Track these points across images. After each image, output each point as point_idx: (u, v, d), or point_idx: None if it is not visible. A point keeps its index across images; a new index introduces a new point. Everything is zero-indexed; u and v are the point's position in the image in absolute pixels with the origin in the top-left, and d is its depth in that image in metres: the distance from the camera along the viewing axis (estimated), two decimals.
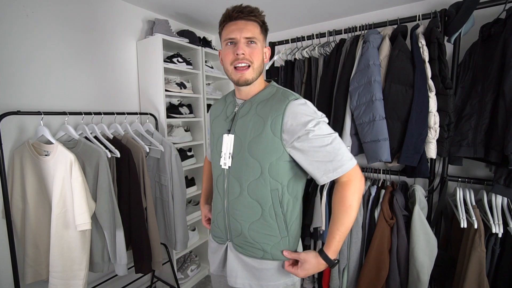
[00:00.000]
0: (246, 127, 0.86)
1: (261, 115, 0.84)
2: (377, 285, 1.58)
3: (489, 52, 1.41)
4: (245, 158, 0.85)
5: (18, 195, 1.34)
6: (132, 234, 1.54)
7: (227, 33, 0.85)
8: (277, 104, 0.84)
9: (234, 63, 0.84)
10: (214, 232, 1.02)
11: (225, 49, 0.86)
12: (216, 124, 0.98)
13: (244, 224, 0.89)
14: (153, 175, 1.78)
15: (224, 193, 0.92)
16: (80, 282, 1.30)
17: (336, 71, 1.73)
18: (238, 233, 0.91)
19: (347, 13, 2.02)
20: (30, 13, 1.42)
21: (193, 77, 2.15)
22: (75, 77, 1.61)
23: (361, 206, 1.68)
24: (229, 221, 0.92)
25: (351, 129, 1.62)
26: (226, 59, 0.86)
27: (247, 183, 0.86)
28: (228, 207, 0.91)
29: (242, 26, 0.83)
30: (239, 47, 0.82)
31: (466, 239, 1.44)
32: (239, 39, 0.83)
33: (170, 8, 1.92)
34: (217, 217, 0.98)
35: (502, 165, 1.37)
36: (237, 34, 0.82)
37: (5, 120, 1.27)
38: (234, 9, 0.84)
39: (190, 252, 2.25)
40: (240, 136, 0.87)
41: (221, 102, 1.01)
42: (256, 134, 0.84)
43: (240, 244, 0.92)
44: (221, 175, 0.93)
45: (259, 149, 0.83)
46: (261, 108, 0.86)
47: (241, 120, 0.88)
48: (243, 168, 0.86)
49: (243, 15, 0.83)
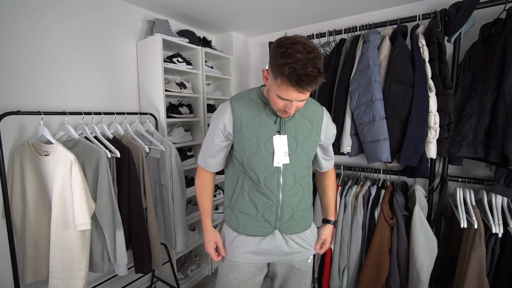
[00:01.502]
0: (296, 128, 0.98)
1: (306, 118, 1.00)
2: (377, 285, 1.58)
3: (489, 52, 1.41)
4: (299, 155, 1.00)
5: (18, 195, 1.34)
6: (132, 234, 1.54)
7: (284, 93, 0.82)
8: (315, 108, 1.04)
9: (280, 111, 0.91)
10: (250, 230, 1.04)
11: (275, 97, 0.86)
12: (253, 127, 0.96)
13: (294, 207, 1.04)
14: (153, 175, 1.78)
15: (279, 188, 1.00)
16: (80, 282, 1.30)
17: (336, 71, 1.73)
18: (289, 217, 1.04)
19: (347, 13, 2.02)
20: (30, 13, 1.42)
21: (193, 77, 2.15)
22: (75, 77, 1.61)
23: (361, 206, 1.68)
24: (282, 211, 1.02)
25: (351, 129, 1.62)
26: (273, 104, 0.89)
27: (299, 175, 1.02)
28: (283, 199, 1.01)
29: (301, 95, 0.82)
30: (291, 109, 0.86)
31: (466, 239, 1.44)
32: (293, 101, 0.85)
33: (170, 8, 1.92)
34: (263, 212, 1.02)
35: (502, 165, 1.37)
36: (294, 98, 0.83)
37: (5, 120, 1.27)
38: (300, 82, 0.77)
39: (190, 252, 2.25)
40: (293, 136, 0.98)
41: (248, 101, 0.98)
42: (307, 134, 1.01)
43: (288, 226, 1.05)
44: (273, 173, 0.98)
45: (309, 146, 1.02)
46: (303, 112, 1.00)
47: (289, 122, 0.98)
48: (299, 163, 1.01)
49: (307, 91, 0.81)
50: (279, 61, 0.78)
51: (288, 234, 1.05)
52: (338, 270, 1.73)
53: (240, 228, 1.04)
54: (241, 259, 1.04)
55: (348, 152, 1.64)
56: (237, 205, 1.04)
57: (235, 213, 1.04)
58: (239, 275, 1.05)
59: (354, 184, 1.83)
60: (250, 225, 1.03)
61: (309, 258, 1.12)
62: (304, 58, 0.76)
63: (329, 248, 1.78)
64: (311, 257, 1.14)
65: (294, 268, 1.09)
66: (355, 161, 2.05)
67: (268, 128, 0.96)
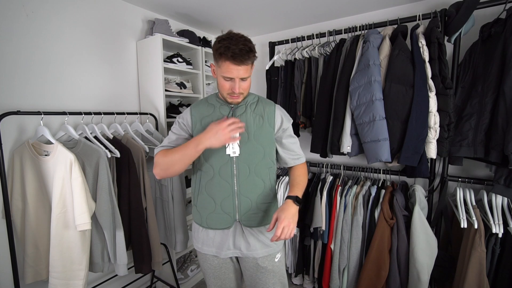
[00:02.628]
0: (247, 121, 1.06)
1: (258, 113, 1.08)
2: (377, 285, 1.58)
3: (489, 52, 1.41)
4: (252, 145, 1.06)
5: (18, 195, 1.34)
6: (132, 234, 1.54)
7: (226, 71, 0.95)
8: (267, 105, 1.11)
9: (229, 94, 1.01)
10: (212, 223, 1.09)
11: (222, 81, 0.99)
12: (208, 122, 1.07)
13: (253, 199, 1.08)
14: (153, 175, 1.78)
15: (234, 177, 1.06)
16: (80, 282, 1.30)
17: (336, 71, 1.73)
18: (248, 208, 1.07)
19: (347, 13, 2.02)
20: (30, 13, 1.42)
21: (193, 77, 2.15)
22: (75, 77, 1.61)
23: (361, 206, 1.68)
24: (240, 201, 1.07)
25: (351, 129, 1.62)
26: (222, 87, 1.00)
27: (255, 166, 1.07)
28: (239, 189, 1.06)
29: (239, 70, 0.95)
30: (236, 87, 0.97)
31: (466, 239, 1.44)
32: (236, 79, 0.96)
33: (170, 8, 1.92)
34: (221, 204, 1.07)
35: (502, 165, 1.37)
36: (234, 75, 0.95)
37: (5, 120, 1.27)
38: (235, 55, 0.91)
39: (190, 252, 2.25)
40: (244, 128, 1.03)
41: (205, 104, 1.12)
42: (259, 126, 1.07)
43: (248, 218, 1.08)
44: (227, 163, 1.06)
45: (262, 137, 1.07)
46: (254, 108, 1.09)
47: (241, 117, 1.06)
48: (252, 154, 1.06)
49: (243, 64, 0.94)
50: (216, 46, 0.94)
51: (247, 226, 1.08)
52: (338, 270, 1.73)
53: (204, 223, 1.10)
54: (207, 252, 1.12)
55: (348, 152, 1.64)
56: (199, 201, 1.11)
57: (198, 209, 1.12)
58: (211, 266, 1.14)
59: (354, 184, 1.83)
60: (211, 218, 1.09)
61: (275, 257, 1.12)
62: (236, 38, 0.93)
63: (329, 248, 1.78)
64: (278, 255, 1.13)
65: (259, 266, 1.10)
66: (355, 161, 2.05)
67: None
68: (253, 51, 0.97)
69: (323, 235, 1.81)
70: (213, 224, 1.09)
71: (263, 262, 1.10)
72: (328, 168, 2.04)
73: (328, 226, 1.80)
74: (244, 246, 1.09)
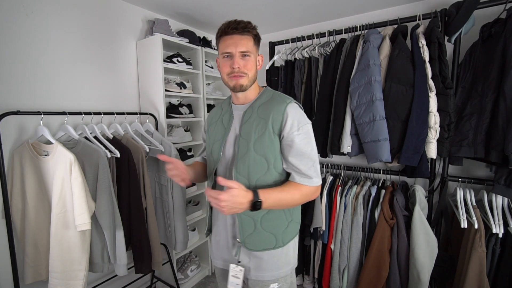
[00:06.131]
0: (249, 129, 0.94)
1: (262, 117, 0.93)
2: (377, 285, 1.58)
3: (490, 52, 1.41)
4: (252, 157, 0.92)
5: (17, 195, 1.34)
6: (132, 234, 1.54)
7: (224, 47, 0.92)
8: (277, 106, 0.93)
9: (230, 75, 0.93)
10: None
11: (222, 61, 0.94)
12: (213, 129, 1.05)
13: (257, 218, 0.93)
14: (153, 175, 1.78)
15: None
16: (80, 283, 1.30)
17: (336, 71, 1.72)
18: (252, 229, 0.94)
19: (347, 13, 2.01)
20: (29, 13, 1.41)
21: (193, 77, 2.14)
22: (74, 77, 1.61)
23: (361, 206, 1.68)
24: (241, 220, 0.94)
25: (351, 129, 1.62)
26: (223, 70, 0.94)
27: (256, 179, 0.92)
28: None
29: (237, 41, 0.90)
30: (235, 61, 0.90)
31: (467, 239, 1.44)
32: (234, 53, 0.90)
33: (170, 8, 1.92)
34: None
35: (502, 165, 1.37)
36: (232, 48, 0.90)
37: (4, 120, 1.27)
38: (229, 25, 0.90)
39: (190, 252, 2.24)
40: (244, 137, 0.94)
41: (218, 110, 1.09)
42: (260, 134, 0.91)
43: (252, 241, 0.95)
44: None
45: (264, 147, 0.91)
46: (262, 111, 0.94)
47: (246, 124, 0.95)
48: (252, 166, 0.92)
49: (237, 31, 0.90)
50: (216, 34, 0.95)
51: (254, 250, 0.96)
52: (338, 270, 1.73)
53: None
54: (217, 264, 1.09)
55: (348, 152, 1.64)
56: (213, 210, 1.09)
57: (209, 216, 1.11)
58: (223, 279, 1.08)
59: (354, 184, 1.83)
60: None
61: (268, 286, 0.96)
62: (232, 20, 0.92)
63: (329, 248, 1.78)
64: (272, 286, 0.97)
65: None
66: (355, 161, 2.05)
67: (219, 132, 1.02)
68: (253, 26, 0.93)
69: (323, 235, 1.80)
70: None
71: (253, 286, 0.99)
72: (328, 168, 2.04)
73: (328, 226, 1.80)
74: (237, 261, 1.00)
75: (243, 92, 0.96)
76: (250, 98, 0.99)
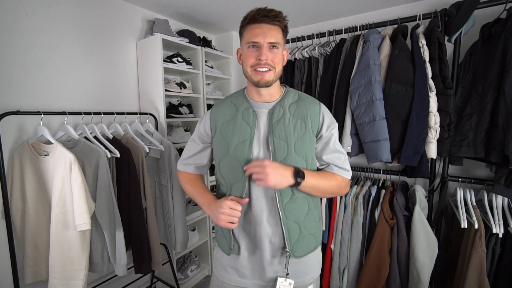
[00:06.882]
0: (286, 129, 0.88)
1: (299, 117, 0.89)
2: (377, 285, 1.58)
3: (490, 52, 1.40)
4: (293, 159, 0.87)
5: (17, 195, 1.34)
6: (132, 234, 1.54)
7: (250, 36, 0.83)
8: (310, 106, 0.91)
9: (255, 67, 0.84)
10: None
11: (247, 51, 0.85)
12: (229, 128, 0.92)
13: (300, 222, 0.91)
14: (152, 175, 1.78)
15: (273, 200, 0.88)
16: (80, 283, 1.30)
17: (336, 71, 1.72)
18: (297, 234, 0.90)
19: (347, 12, 2.01)
20: (29, 13, 1.41)
21: (193, 77, 2.14)
22: (74, 77, 1.61)
23: (361, 206, 1.68)
24: (288, 227, 0.88)
25: (351, 129, 1.62)
26: (247, 61, 0.86)
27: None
28: (284, 213, 0.88)
29: (266, 31, 0.82)
30: (263, 53, 0.82)
31: (467, 239, 1.43)
32: (262, 44, 0.82)
33: (170, 7, 1.92)
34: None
35: (502, 165, 1.37)
36: (260, 38, 0.82)
37: (4, 120, 1.27)
38: (259, 12, 0.82)
39: (190, 252, 2.24)
40: (282, 139, 0.87)
41: (228, 104, 0.95)
42: (300, 135, 0.88)
43: (299, 247, 0.91)
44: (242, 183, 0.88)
45: (305, 148, 0.88)
46: (294, 110, 0.90)
47: (278, 123, 0.88)
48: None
49: (268, 19, 0.82)
50: (241, 23, 0.87)
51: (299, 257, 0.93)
52: (338, 270, 1.73)
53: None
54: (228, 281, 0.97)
55: (348, 152, 1.64)
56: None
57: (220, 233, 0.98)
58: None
59: (354, 184, 1.82)
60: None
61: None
62: (262, 7, 0.84)
63: (329, 248, 1.78)
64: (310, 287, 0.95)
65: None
66: (355, 161, 2.04)
67: (241, 130, 0.89)
68: (284, 16, 0.85)
69: (323, 235, 1.80)
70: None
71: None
72: None
73: (328, 226, 1.80)
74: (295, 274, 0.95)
75: (267, 88, 0.88)
76: (275, 96, 0.92)
